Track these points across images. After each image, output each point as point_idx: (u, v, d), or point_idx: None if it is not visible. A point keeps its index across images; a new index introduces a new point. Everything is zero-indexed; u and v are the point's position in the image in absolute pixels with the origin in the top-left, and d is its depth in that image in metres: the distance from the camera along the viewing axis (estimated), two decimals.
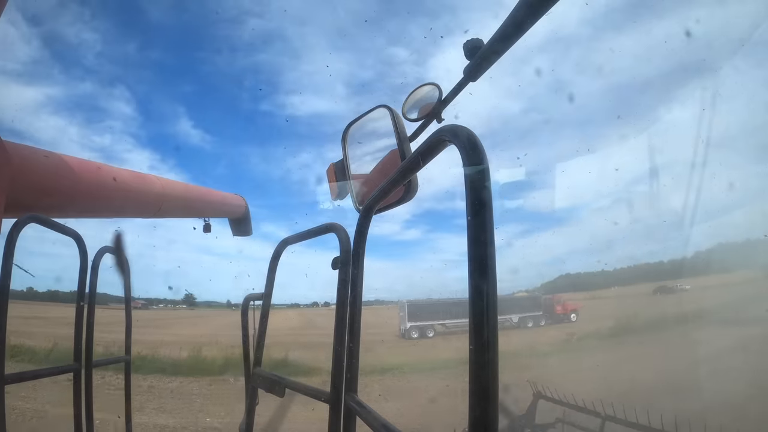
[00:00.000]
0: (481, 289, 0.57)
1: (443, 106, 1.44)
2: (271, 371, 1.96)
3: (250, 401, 2.12)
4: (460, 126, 0.70)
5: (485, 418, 0.55)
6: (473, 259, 0.59)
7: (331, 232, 1.52)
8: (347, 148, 1.79)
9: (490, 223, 0.60)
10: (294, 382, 1.80)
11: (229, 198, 5.27)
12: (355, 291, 1.26)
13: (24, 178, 2.29)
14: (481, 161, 0.63)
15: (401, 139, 1.50)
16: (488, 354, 0.56)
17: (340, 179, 1.80)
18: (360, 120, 1.72)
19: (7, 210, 2.02)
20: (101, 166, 3.10)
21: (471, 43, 1.18)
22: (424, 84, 1.51)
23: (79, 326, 2.49)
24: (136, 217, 3.93)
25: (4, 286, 1.93)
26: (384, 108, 1.59)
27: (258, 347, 2.12)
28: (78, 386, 2.46)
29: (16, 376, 2.09)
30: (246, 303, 2.52)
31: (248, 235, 5.59)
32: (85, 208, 3.03)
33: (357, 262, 1.24)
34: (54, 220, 2.20)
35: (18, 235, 1.94)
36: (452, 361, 14.17)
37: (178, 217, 4.71)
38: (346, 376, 1.25)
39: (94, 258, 2.54)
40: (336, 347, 1.34)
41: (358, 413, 1.14)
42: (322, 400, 1.41)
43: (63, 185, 2.64)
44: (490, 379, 0.55)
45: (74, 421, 2.45)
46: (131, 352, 3.12)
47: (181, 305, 35.25)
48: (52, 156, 2.61)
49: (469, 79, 1.28)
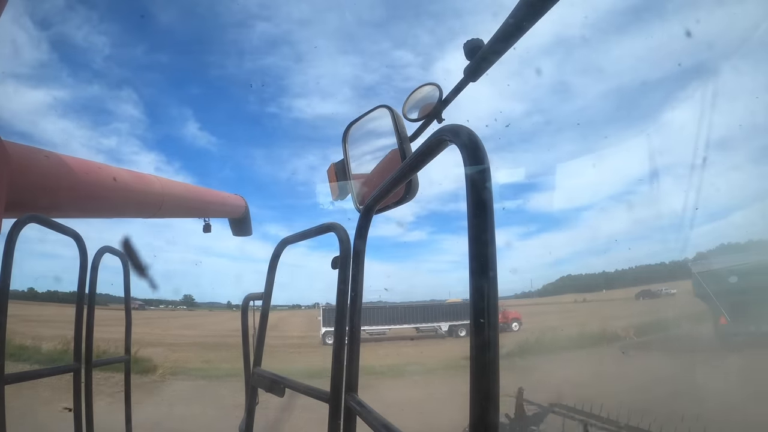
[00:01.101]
0: (481, 289, 0.57)
1: (444, 106, 1.44)
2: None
3: (250, 401, 2.12)
4: (460, 126, 0.70)
5: (486, 419, 0.55)
6: (474, 259, 0.59)
7: (331, 232, 1.52)
8: (348, 148, 1.79)
9: (491, 223, 0.60)
10: (294, 381, 1.79)
11: (229, 198, 5.27)
12: (355, 291, 1.26)
13: (24, 178, 2.29)
14: (482, 161, 0.63)
15: (402, 139, 1.50)
16: (489, 354, 0.55)
17: (341, 179, 1.80)
18: (360, 120, 1.72)
19: (7, 210, 2.02)
20: (101, 166, 3.10)
21: (471, 43, 1.18)
22: (425, 84, 1.51)
23: (79, 326, 2.49)
24: (136, 217, 3.93)
25: (4, 286, 1.93)
26: (384, 108, 1.59)
27: (258, 347, 2.12)
28: (78, 386, 2.46)
29: (16, 376, 2.09)
30: (246, 303, 2.52)
31: (248, 235, 5.60)
32: (85, 208, 3.03)
33: (357, 262, 1.24)
34: (54, 220, 2.20)
35: (18, 235, 1.94)
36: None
37: (178, 217, 4.71)
38: (346, 376, 1.25)
39: (94, 258, 2.54)
40: (336, 347, 1.34)
41: (358, 413, 1.14)
42: (322, 400, 1.41)
43: (63, 185, 2.64)
44: (491, 380, 0.55)
45: (74, 421, 2.45)
46: (131, 352, 3.12)
47: (181, 306, 35.24)
48: (52, 156, 2.61)
49: (469, 79, 1.28)
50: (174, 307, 34.74)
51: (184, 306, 35.55)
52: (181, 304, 34.84)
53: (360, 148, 1.78)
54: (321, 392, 1.46)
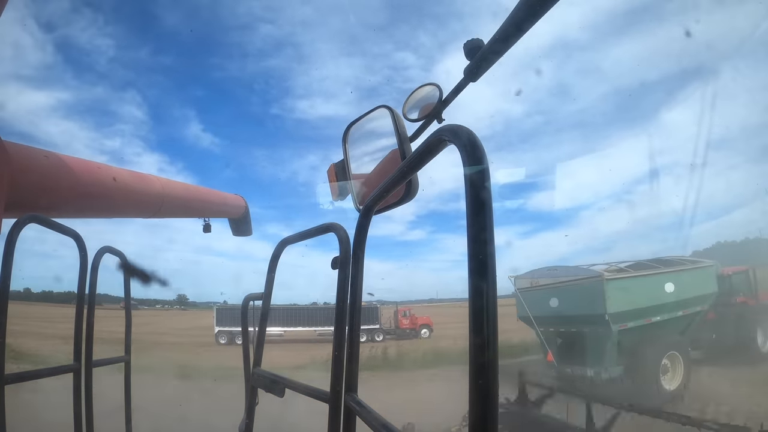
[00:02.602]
0: (480, 288, 0.57)
1: (444, 107, 1.44)
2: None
3: (250, 401, 2.12)
4: (460, 126, 0.70)
5: (485, 418, 0.55)
6: (473, 258, 0.59)
7: (330, 232, 1.52)
8: (348, 148, 1.79)
9: (490, 222, 0.60)
10: (294, 382, 1.80)
11: (228, 198, 5.27)
12: (354, 291, 1.26)
13: (24, 178, 2.29)
14: (482, 161, 0.63)
15: (401, 139, 1.50)
16: (488, 353, 0.56)
17: (341, 179, 1.80)
18: (360, 120, 1.72)
19: (7, 210, 2.03)
20: (101, 166, 3.11)
21: (471, 43, 1.18)
22: (425, 84, 1.51)
23: (79, 326, 2.49)
24: (136, 217, 3.93)
25: (4, 286, 1.92)
26: (384, 108, 1.59)
27: (258, 347, 2.12)
28: (78, 386, 2.46)
29: (16, 376, 2.09)
30: (246, 303, 2.52)
31: (248, 235, 5.60)
32: (85, 208, 3.03)
33: (357, 262, 1.24)
34: (54, 220, 2.20)
35: (18, 235, 1.93)
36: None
37: (178, 217, 4.71)
38: (346, 376, 1.25)
39: (94, 258, 2.54)
40: (335, 347, 1.34)
41: (358, 413, 1.14)
42: (322, 400, 1.41)
43: (63, 185, 2.64)
44: (490, 379, 0.55)
45: (74, 421, 2.45)
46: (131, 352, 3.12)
47: (176, 305, 35.04)
48: (52, 156, 2.61)
49: (469, 79, 1.28)
50: (170, 307, 34.59)
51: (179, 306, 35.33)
52: (176, 303, 34.65)
53: (360, 148, 1.79)
54: (321, 392, 1.46)
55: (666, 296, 9.46)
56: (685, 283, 9.78)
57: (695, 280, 10.12)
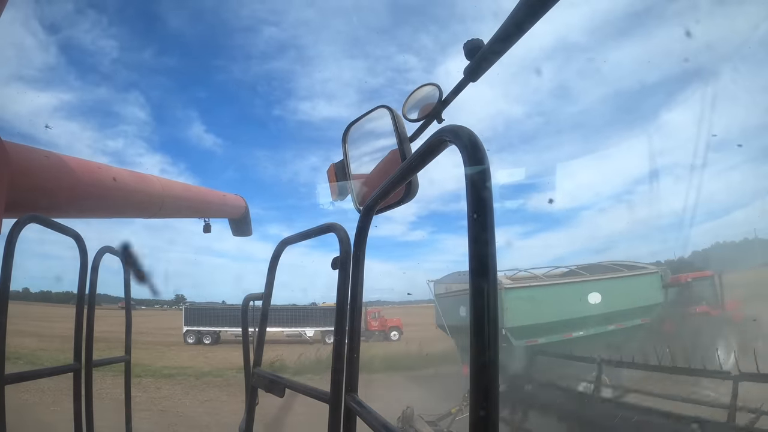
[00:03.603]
0: (481, 288, 0.58)
1: (443, 107, 1.44)
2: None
3: (250, 401, 2.12)
4: (460, 126, 0.70)
5: (486, 418, 0.55)
6: (474, 258, 0.59)
7: (331, 232, 1.52)
8: (348, 148, 1.79)
9: (490, 222, 0.60)
10: (294, 382, 1.80)
11: (229, 198, 5.27)
12: (355, 291, 1.26)
13: (24, 178, 2.29)
14: (482, 161, 0.63)
15: (401, 139, 1.50)
16: (489, 353, 0.56)
17: (341, 179, 1.80)
18: (360, 120, 1.72)
19: (7, 210, 2.03)
20: (101, 166, 3.11)
21: (471, 43, 1.18)
22: (425, 84, 1.51)
23: (79, 326, 2.49)
24: (136, 217, 3.93)
25: (4, 286, 1.92)
26: (384, 108, 1.58)
27: (258, 347, 2.12)
28: (78, 386, 2.46)
29: (16, 376, 2.08)
30: (245, 303, 2.52)
31: (248, 235, 5.60)
32: (85, 208, 3.03)
33: (357, 262, 1.24)
34: (54, 220, 2.20)
35: (18, 235, 1.93)
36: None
37: (178, 217, 4.71)
38: (346, 376, 1.25)
39: (94, 258, 2.54)
40: (336, 347, 1.34)
41: (358, 413, 1.14)
42: (322, 400, 1.41)
43: (63, 185, 2.64)
44: (491, 379, 0.55)
45: (74, 421, 2.45)
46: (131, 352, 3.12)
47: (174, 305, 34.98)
48: (52, 156, 2.61)
49: (469, 79, 1.28)
50: (169, 307, 34.53)
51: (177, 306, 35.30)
52: (174, 303, 34.59)
53: (360, 149, 1.78)
54: (321, 392, 1.46)
55: (590, 308, 8.34)
56: (616, 292, 8.67)
57: (631, 289, 8.93)
